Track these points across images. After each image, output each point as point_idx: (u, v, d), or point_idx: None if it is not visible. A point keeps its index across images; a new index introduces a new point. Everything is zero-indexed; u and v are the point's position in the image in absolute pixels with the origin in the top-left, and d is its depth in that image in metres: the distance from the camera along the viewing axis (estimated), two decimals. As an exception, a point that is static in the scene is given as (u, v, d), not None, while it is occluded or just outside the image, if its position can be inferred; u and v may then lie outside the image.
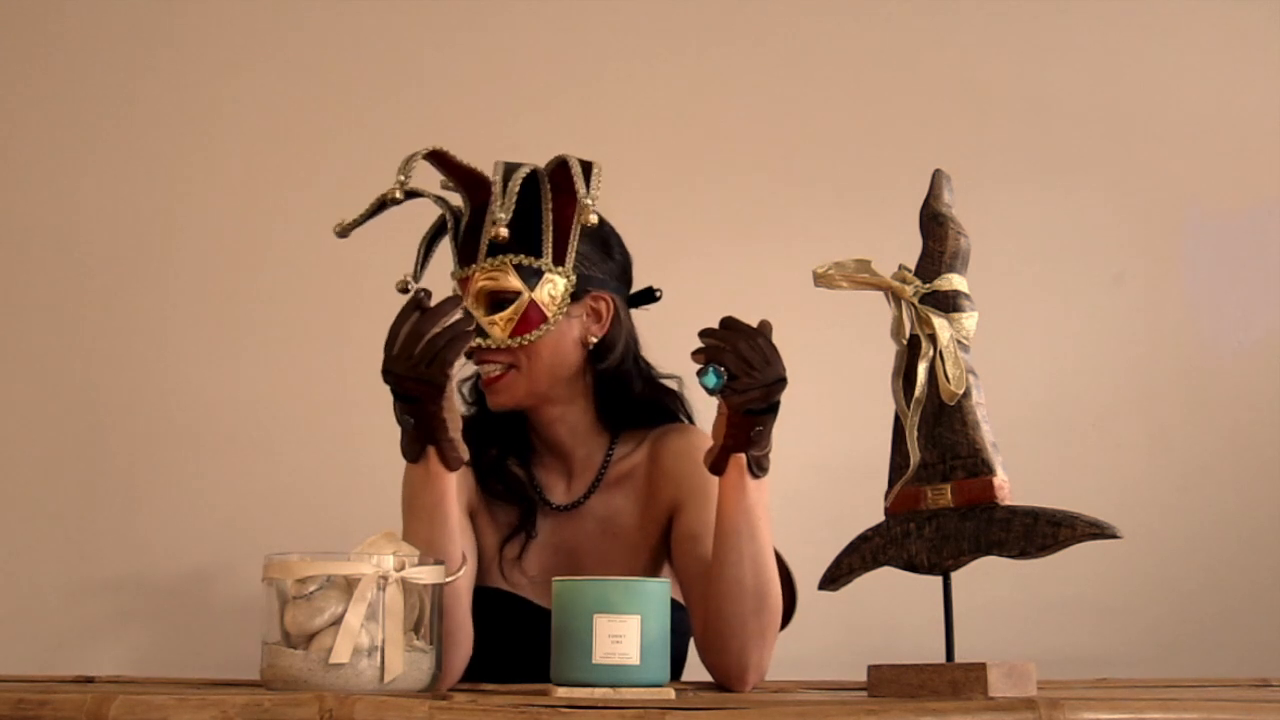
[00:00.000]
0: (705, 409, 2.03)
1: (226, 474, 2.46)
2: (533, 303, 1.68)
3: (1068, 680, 1.51)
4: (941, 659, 1.20)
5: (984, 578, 1.40)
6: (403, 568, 1.24)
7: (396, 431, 1.80)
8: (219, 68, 2.61)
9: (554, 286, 1.69)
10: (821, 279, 1.30)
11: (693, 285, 2.43)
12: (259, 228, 2.56)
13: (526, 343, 1.68)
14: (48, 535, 2.44)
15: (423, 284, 1.70)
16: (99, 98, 2.59)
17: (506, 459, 1.80)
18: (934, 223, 1.30)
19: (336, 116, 2.59)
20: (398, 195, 1.66)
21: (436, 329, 1.49)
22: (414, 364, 1.49)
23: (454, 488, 1.57)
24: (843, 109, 2.64)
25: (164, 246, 2.54)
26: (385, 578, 1.23)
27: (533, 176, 1.68)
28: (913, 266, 1.30)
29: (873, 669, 1.22)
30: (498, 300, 1.68)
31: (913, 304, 1.27)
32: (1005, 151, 2.61)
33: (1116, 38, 2.68)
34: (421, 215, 1.79)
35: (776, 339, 1.51)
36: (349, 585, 1.22)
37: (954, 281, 1.27)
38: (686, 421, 1.86)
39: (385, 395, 1.87)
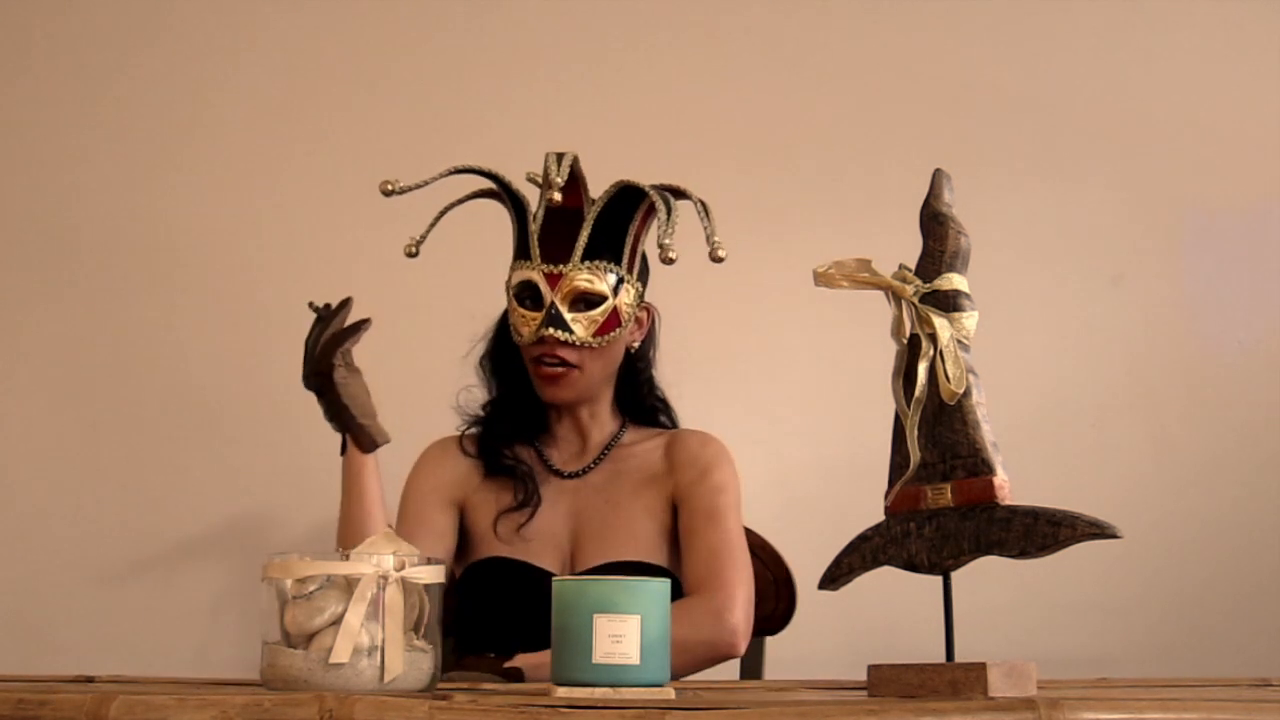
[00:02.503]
0: (690, 420, 2.04)
1: (227, 473, 2.46)
2: (615, 308, 1.80)
3: (1068, 680, 1.51)
4: (941, 659, 1.20)
5: (984, 578, 1.40)
6: (403, 567, 1.24)
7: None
8: (221, 63, 2.61)
9: (629, 294, 1.83)
10: (821, 278, 1.30)
11: (692, 285, 2.43)
12: (266, 219, 2.56)
13: (605, 344, 1.82)
14: (47, 535, 2.44)
15: (417, 248, 1.82)
16: (101, 91, 2.59)
17: (516, 440, 1.94)
18: (934, 222, 1.30)
19: (337, 113, 2.59)
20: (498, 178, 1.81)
21: (329, 331, 1.74)
22: (311, 361, 1.76)
23: (372, 466, 1.80)
24: (843, 109, 2.64)
25: (162, 241, 2.54)
26: (385, 578, 1.23)
27: (637, 192, 1.78)
28: (913, 266, 1.30)
29: (873, 669, 1.22)
30: (586, 300, 1.79)
31: (913, 303, 1.26)
32: (1005, 151, 2.61)
33: (1116, 38, 2.68)
34: (423, 201, 1.81)
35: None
36: (349, 585, 1.22)
37: (954, 281, 1.27)
38: (671, 425, 2.02)
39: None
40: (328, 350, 1.74)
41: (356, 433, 1.78)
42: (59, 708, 1.05)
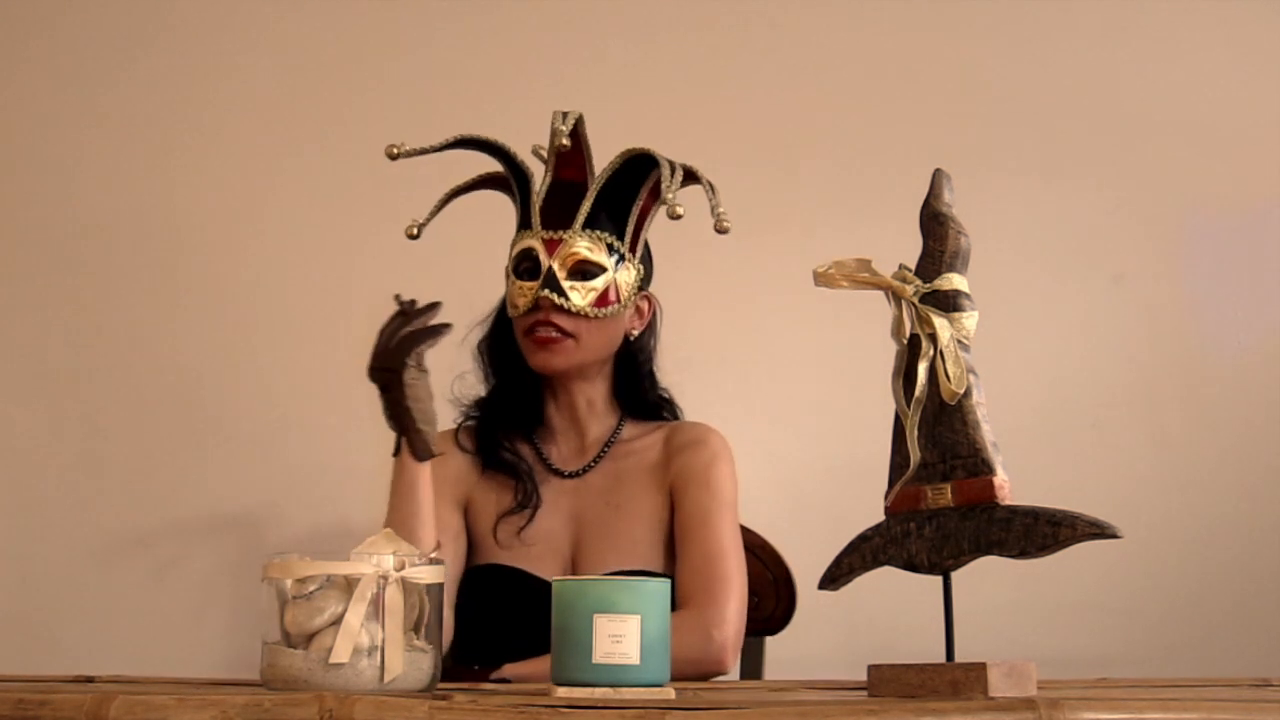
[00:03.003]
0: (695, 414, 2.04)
1: (227, 473, 2.46)
2: (614, 282, 1.76)
3: (1068, 680, 1.51)
4: (941, 659, 1.20)
5: (984, 578, 1.40)
6: (403, 568, 1.24)
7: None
8: (222, 62, 2.61)
9: (628, 274, 1.80)
10: (821, 278, 1.30)
11: (693, 284, 2.43)
12: (265, 218, 2.56)
13: (603, 316, 1.77)
14: (48, 535, 2.44)
15: (419, 230, 1.80)
16: (102, 91, 2.59)
17: (513, 434, 1.89)
18: (934, 222, 1.30)
19: (337, 112, 2.59)
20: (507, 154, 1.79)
21: (411, 327, 1.62)
22: (383, 354, 1.63)
23: (427, 477, 1.69)
24: (843, 109, 2.64)
25: (162, 242, 2.54)
26: (385, 578, 1.22)
27: (643, 167, 1.76)
28: (913, 266, 1.30)
29: (873, 669, 1.22)
30: (585, 270, 1.77)
31: (913, 303, 1.26)
32: (1005, 151, 2.61)
33: (1116, 38, 2.68)
34: (423, 194, 1.81)
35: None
36: (349, 585, 1.22)
37: (954, 281, 1.27)
38: (673, 419, 1.98)
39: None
40: (404, 347, 1.63)
41: (412, 438, 1.68)
42: (59, 708, 1.05)
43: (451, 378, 1.96)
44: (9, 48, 2.60)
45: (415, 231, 1.79)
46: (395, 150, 1.74)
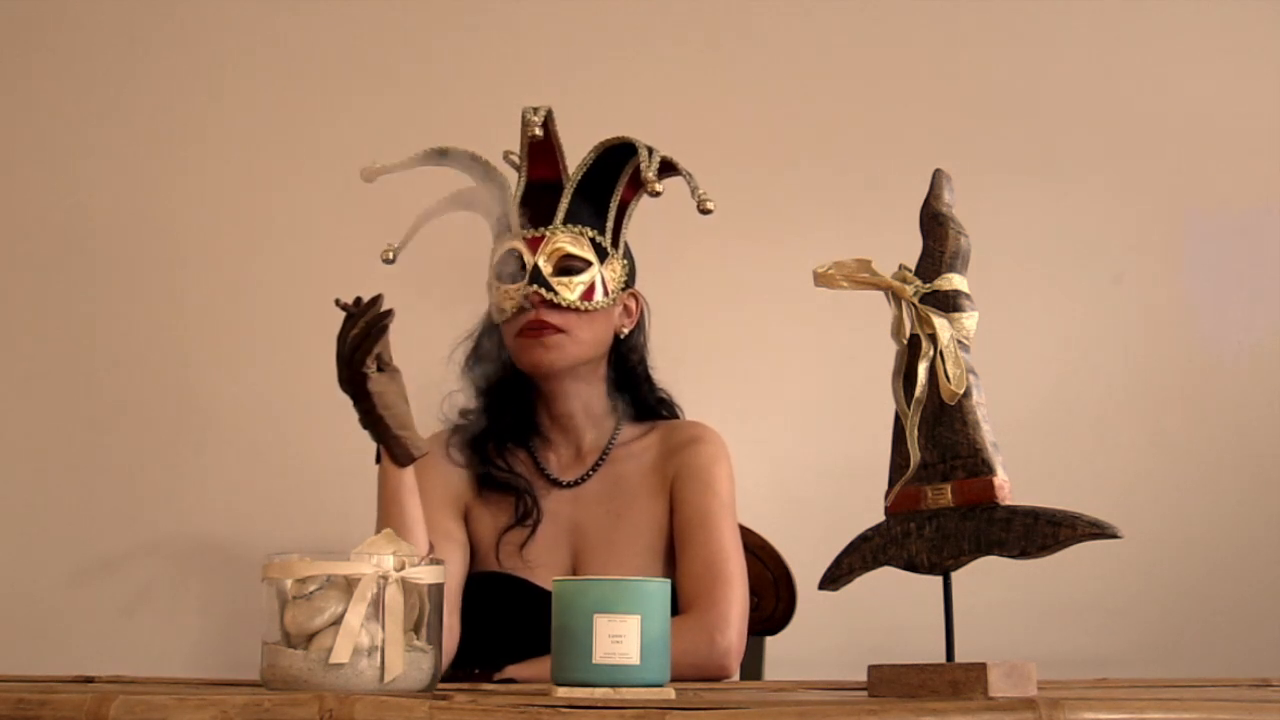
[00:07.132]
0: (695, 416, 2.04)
1: (227, 474, 2.46)
2: (600, 277, 1.75)
3: (1068, 680, 1.51)
4: (941, 659, 1.20)
5: (984, 578, 1.40)
6: (403, 568, 1.24)
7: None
8: (221, 68, 2.61)
9: (613, 270, 1.78)
10: (821, 279, 1.30)
11: (692, 284, 2.43)
12: (263, 224, 2.56)
13: (593, 309, 1.75)
14: (48, 535, 2.44)
15: (395, 254, 1.79)
16: (102, 92, 2.59)
17: (508, 444, 1.85)
18: (934, 222, 1.30)
19: (337, 118, 2.59)
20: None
21: (355, 329, 1.55)
22: (344, 363, 1.57)
23: (411, 483, 1.64)
24: (843, 108, 2.64)
25: (165, 244, 2.54)
26: (385, 578, 1.23)
27: (618, 161, 1.74)
28: (913, 266, 1.30)
29: (873, 669, 1.22)
30: (570, 266, 1.75)
31: (913, 304, 1.26)
32: (1005, 151, 2.61)
33: (1116, 38, 2.68)
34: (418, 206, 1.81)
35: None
36: (349, 585, 1.22)
37: (954, 281, 1.27)
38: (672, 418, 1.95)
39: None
40: (359, 352, 1.56)
41: (390, 444, 1.61)
42: (59, 708, 1.05)
43: (440, 397, 1.92)
44: (10, 49, 2.60)
45: (390, 256, 1.78)
46: (369, 173, 1.75)
